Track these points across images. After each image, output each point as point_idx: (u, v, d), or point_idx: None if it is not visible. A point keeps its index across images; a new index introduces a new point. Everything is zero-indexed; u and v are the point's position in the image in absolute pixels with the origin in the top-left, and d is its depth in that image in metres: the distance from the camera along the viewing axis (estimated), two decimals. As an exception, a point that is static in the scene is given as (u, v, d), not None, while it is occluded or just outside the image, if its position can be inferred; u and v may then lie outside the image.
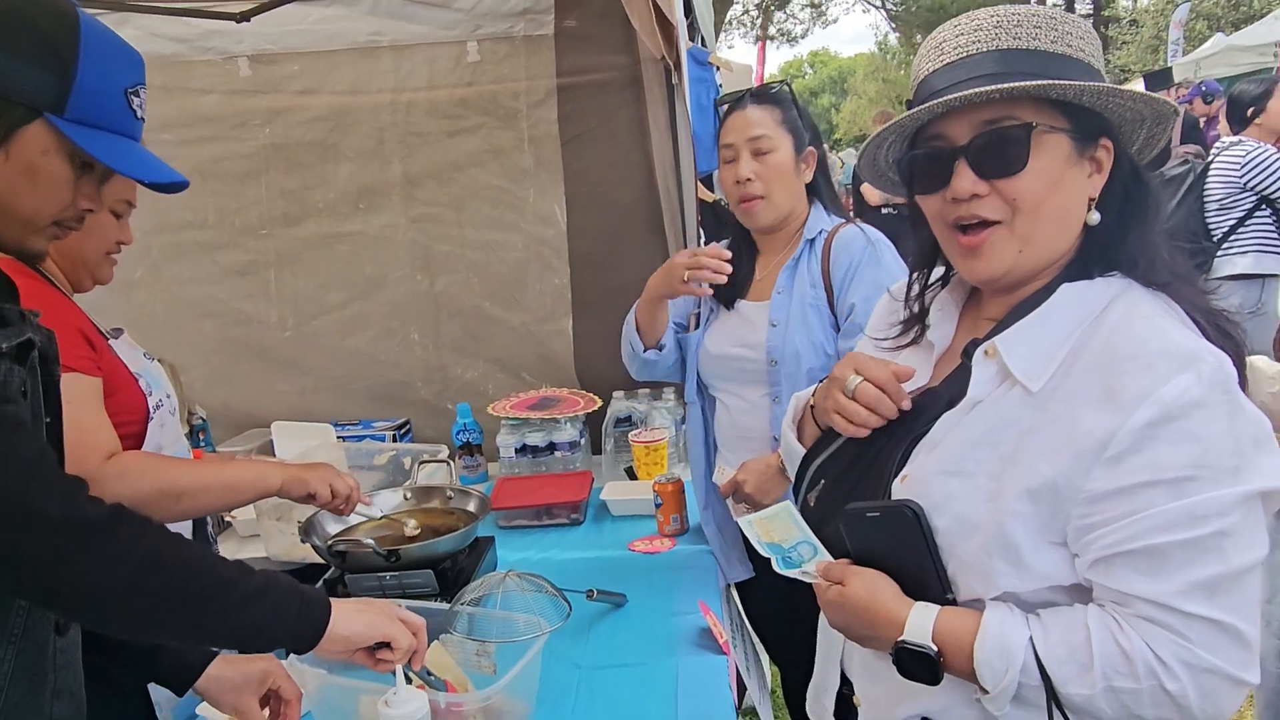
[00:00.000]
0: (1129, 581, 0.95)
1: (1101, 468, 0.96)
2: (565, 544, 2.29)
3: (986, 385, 1.08)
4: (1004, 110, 1.02)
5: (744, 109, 1.99)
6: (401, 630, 1.26)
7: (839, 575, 1.12)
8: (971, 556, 1.03)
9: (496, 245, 3.00)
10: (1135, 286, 1.05)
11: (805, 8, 27.72)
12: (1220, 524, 0.92)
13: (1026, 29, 1.03)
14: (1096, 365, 0.99)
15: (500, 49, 2.84)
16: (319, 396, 3.12)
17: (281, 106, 2.93)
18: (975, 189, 1.03)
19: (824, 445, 1.25)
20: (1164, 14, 24.05)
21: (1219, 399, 0.94)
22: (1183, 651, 0.93)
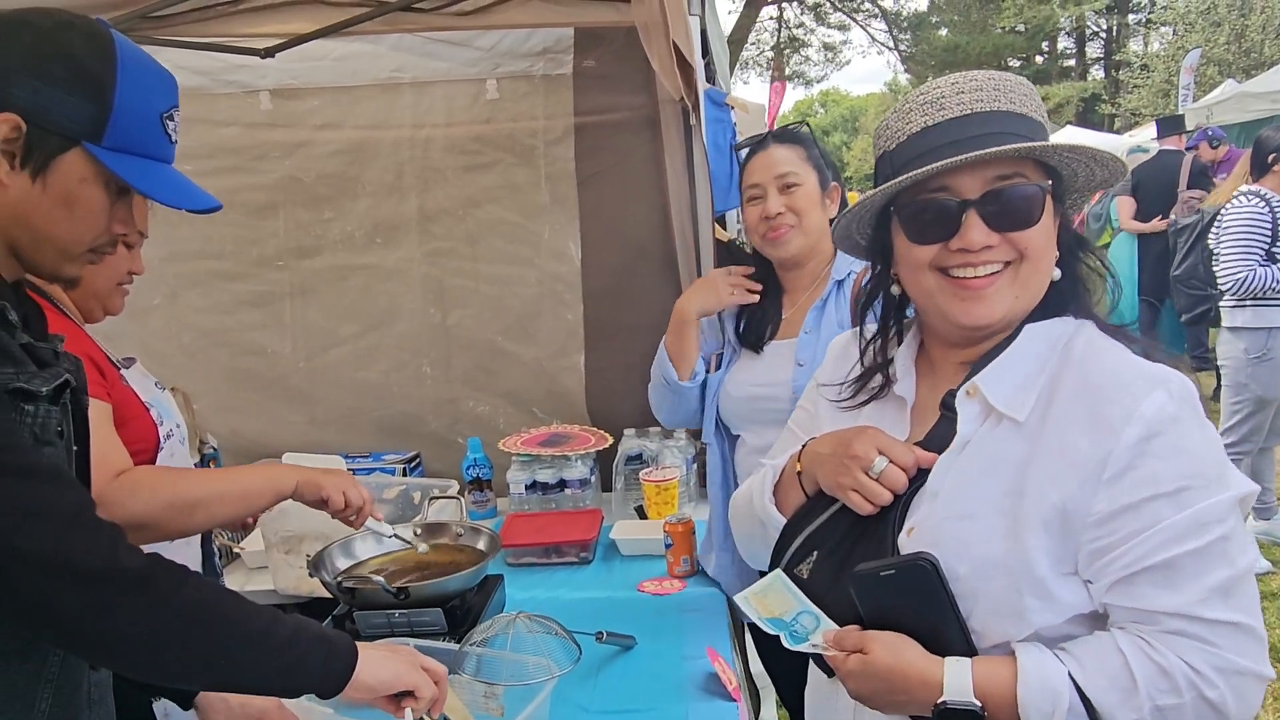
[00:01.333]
0: (1151, 598, 0.98)
1: (1103, 489, 1.00)
2: (574, 583, 2.27)
3: (973, 423, 1.11)
4: (1014, 168, 1.07)
5: (767, 149, 2.02)
6: (425, 680, 1.26)
7: (857, 643, 1.09)
8: (999, 597, 1.03)
9: (510, 280, 3.01)
10: (1088, 324, 1.12)
11: (820, 50, 28.02)
12: (1222, 529, 0.98)
13: (1017, 94, 1.10)
14: (1077, 392, 1.05)
15: (519, 87, 2.87)
16: (330, 428, 3.12)
17: (301, 140, 2.96)
18: (988, 240, 1.07)
19: (812, 515, 1.23)
20: (1175, 59, 24.26)
21: (1190, 413, 1.01)
22: (1214, 659, 0.97)
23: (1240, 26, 25.08)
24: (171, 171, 1.19)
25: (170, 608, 1.03)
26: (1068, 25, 33.47)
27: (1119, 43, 36.30)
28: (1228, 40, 24.98)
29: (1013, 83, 1.10)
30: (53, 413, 1.06)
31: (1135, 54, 32.35)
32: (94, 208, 1.11)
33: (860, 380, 1.29)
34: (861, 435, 1.16)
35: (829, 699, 1.24)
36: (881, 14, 25.68)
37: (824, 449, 1.22)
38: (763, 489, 1.31)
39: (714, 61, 3.71)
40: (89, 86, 1.07)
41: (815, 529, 1.21)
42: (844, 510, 1.18)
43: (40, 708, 1.06)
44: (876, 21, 25.94)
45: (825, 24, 26.70)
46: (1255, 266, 3.88)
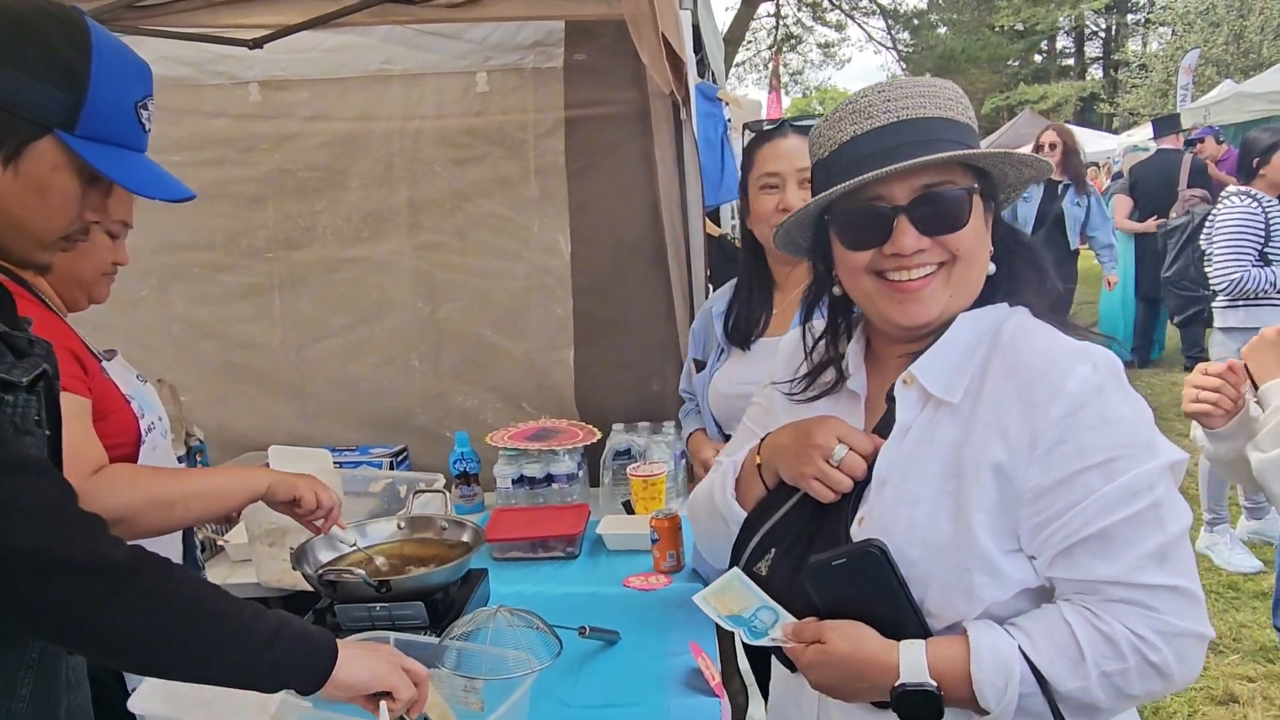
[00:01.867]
0: (1090, 568, 1.02)
1: (1036, 464, 1.03)
2: (560, 578, 2.26)
3: (912, 411, 1.15)
4: (943, 175, 1.10)
5: (786, 138, 1.98)
6: (404, 681, 1.25)
7: (814, 633, 1.11)
8: (950, 577, 1.06)
9: (500, 274, 3.00)
10: (1020, 310, 1.16)
11: (818, 47, 27.99)
12: (1152, 496, 1.02)
13: (943, 100, 1.12)
14: (1006, 373, 1.08)
15: (509, 80, 2.86)
16: (318, 421, 3.11)
17: (290, 132, 2.95)
18: (919, 244, 1.10)
19: (769, 512, 1.24)
20: (1174, 59, 24.29)
21: (1115, 385, 1.05)
22: (1156, 622, 1.01)
23: (1239, 27, 25.11)
24: (145, 160, 1.20)
25: (155, 601, 1.04)
26: (1067, 24, 33.49)
27: (1118, 42, 36.35)
28: (1226, 41, 25.01)
29: (939, 88, 1.13)
30: (31, 401, 1.06)
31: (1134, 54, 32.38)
32: (66, 195, 1.11)
33: (811, 375, 1.31)
34: (822, 424, 1.19)
35: (794, 694, 1.25)
36: (880, 12, 25.66)
37: (784, 440, 1.23)
38: (724, 485, 1.32)
39: (708, 57, 3.71)
40: (63, 75, 1.07)
41: (772, 526, 1.23)
42: (798, 506, 1.21)
43: (21, 693, 1.07)
44: (875, 19, 25.93)
45: (823, 22, 26.67)
46: (1249, 267, 3.88)
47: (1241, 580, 4.07)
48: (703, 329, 2.26)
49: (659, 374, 2.94)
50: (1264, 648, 3.50)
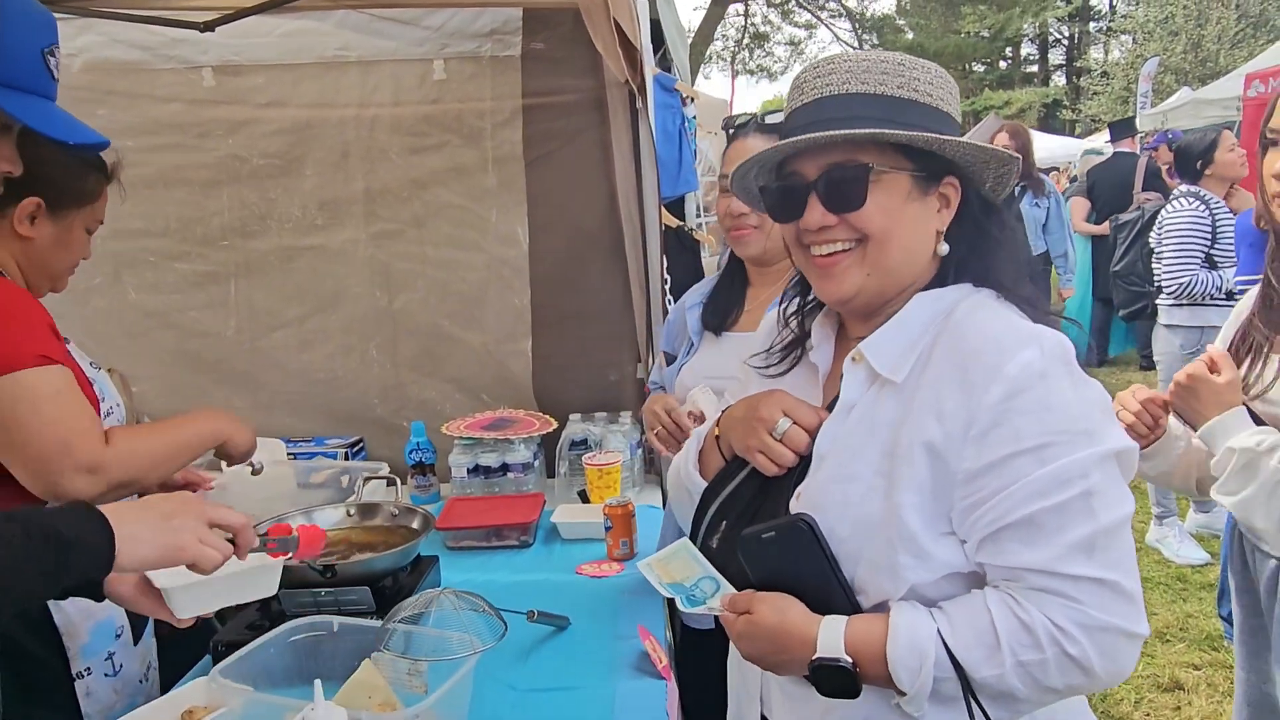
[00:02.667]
0: (1014, 554, 1.00)
1: (970, 446, 1.02)
2: (513, 566, 2.25)
3: (858, 389, 1.14)
4: (849, 153, 1.09)
5: (746, 138, 1.97)
6: (205, 552, 1.14)
7: (745, 604, 1.12)
8: (877, 555, 1.05)
9: (457, 264, 2.99)
10: (983, 292, 1.13)
11: (784, 45, 28.17)
12: (1085, 484, 0.99)
13: (874, 74, 1.10)
14: (949, 352, 1.07)
15: (466, 68, 2.84)
16: (273, 412, 3.07)
17: (245, 118, 2.91)
18: (824, 221, 1.11)
19: (722, 484, 1.26)
20: (1134, 67, 24.76)
21: (1061, 370, 1.02)
22: (1076, 614, 0.98)
23: (1196, 36, 25.63)
24: (56, 108, 1.19)
25: None
26: (1031, 32, 33.94)
27: (1080, 50, 36.92)
28: (1184, 49, 25.51)
29: (872, 62, 1.11)
30: None
31: (1096, 61, 32.91)
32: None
33: (786, 349, 1.32)
34: (768, 398, 1.19)
35: (740, 664, 1.27)
36: (847, 14, 25.85)
37: (737, 413, 1.25)
38: (687, 455, 1.34)
39: (670, 51, 3.72)
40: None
41: (725, 498, 1.24)
42: (749, 478, 1.22)
43: None
44: (841, 21, 26.13)
45: (791, 22, 26.84)
46: (1196, 270, 3.96)
47: (1190, 572, 4.16)
48: (675, 322, 2.27)
49: (616, 364, 2.95)
50: (1209, 636, 3.57)
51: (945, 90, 1.13)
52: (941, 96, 1.12)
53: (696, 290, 2.23)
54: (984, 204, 1.17)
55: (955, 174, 1.14)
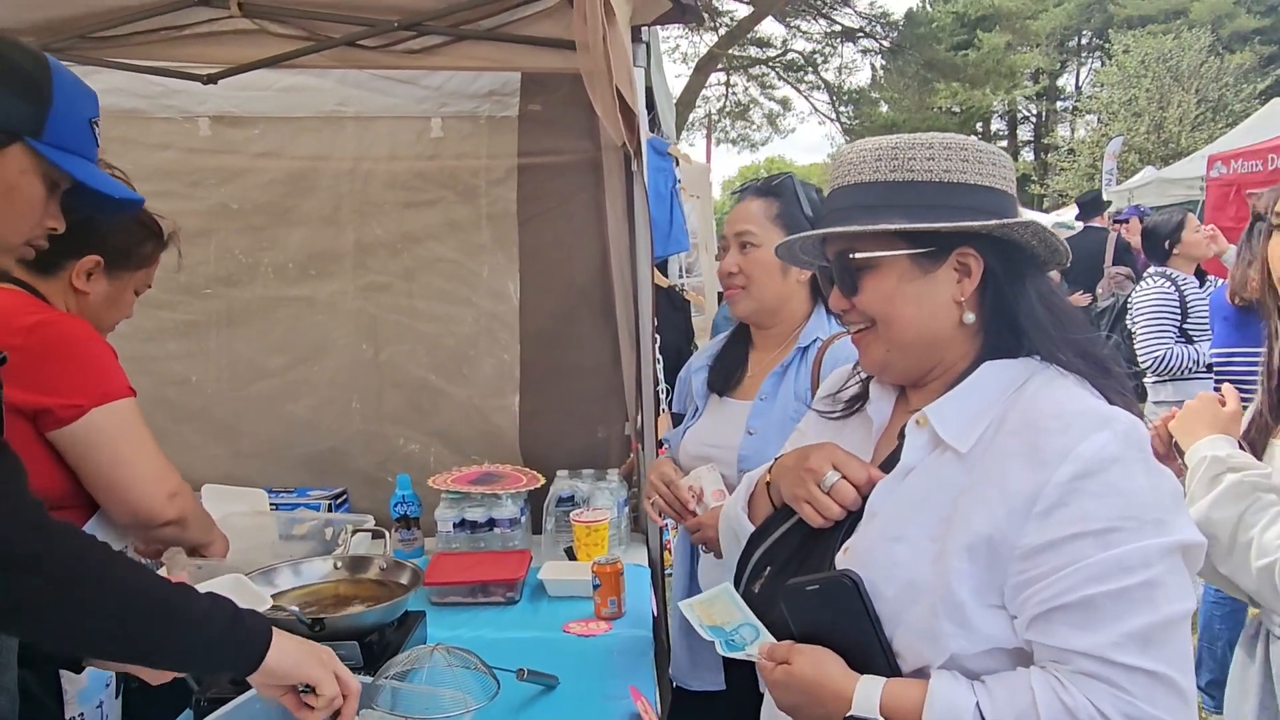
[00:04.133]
0: (1066, 637, 0.97)
1: (1033, 523, 1.00)
2: (499, 623, 2.22)
3: (919, 453, 1.14)
4: (846, 242, 1.17)
5: (744, 200, 2.03)
6: (328, 678, 1.28)
7: (784, 655, 1.12)
8: (920, 620, 1.04)
9: (447, 318, 2.99)
10: (1053, 367, 1.12)
11: (765, 116, 28.85)
12: (1147, 574, 0.96)
13: (870, 163, 1.16)
14: (1020, 427, 1.06)
15: (464, 127, 2.89)
16: (253, 461, 3.02)
17: (239, 167, 2.92)
18: (841, 303, 1.20)
19: (769, 531, 1.26)
20: (1099, 145, 25.63)
21: (1135, 455, 1.01)
22: (1125, 705, 0.94)
23: (1159, 118, 26.60)
24: (100, 170, 1.32)
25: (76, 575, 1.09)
26: (1001, 109, 35.05)
27: (1048, 127, 38.16)
28: (1147, 130, 26.45)
29: (869, 151, 1.16)
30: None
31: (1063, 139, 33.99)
32: (31, 200, 1.21)
33: (849, 401, 1.34)
34: (819, 450, 1.20)
35: (771, 709, 1.25)
36: (825, 86, 26.57)
37: (789, 461, 1.26)
38: (737, 498, 1.36)
39: (660, 117, 3.80)
40: (29, 87, 1.19)
41: (770, 545, 1.24)
42: (795, 527, 1.22)
43: None
44: (819, 93, 26.83)
45: (771, 96, 27.53)
46: (1171, 344, 4.07)
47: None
48: (684, 382, 2.29)
49: (604, 422, 2.95)
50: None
51: (956, 160, 1.13)
52: (949, 168, 1.13)
53: (704, 352, 2.26)
54: (1012, 270, 1.15)
55: (972, 243, 1.13)
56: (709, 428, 2.08)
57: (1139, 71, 27.83)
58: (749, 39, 23.34)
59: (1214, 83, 26.70)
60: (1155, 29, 30.78)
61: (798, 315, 2.03)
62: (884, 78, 27.86)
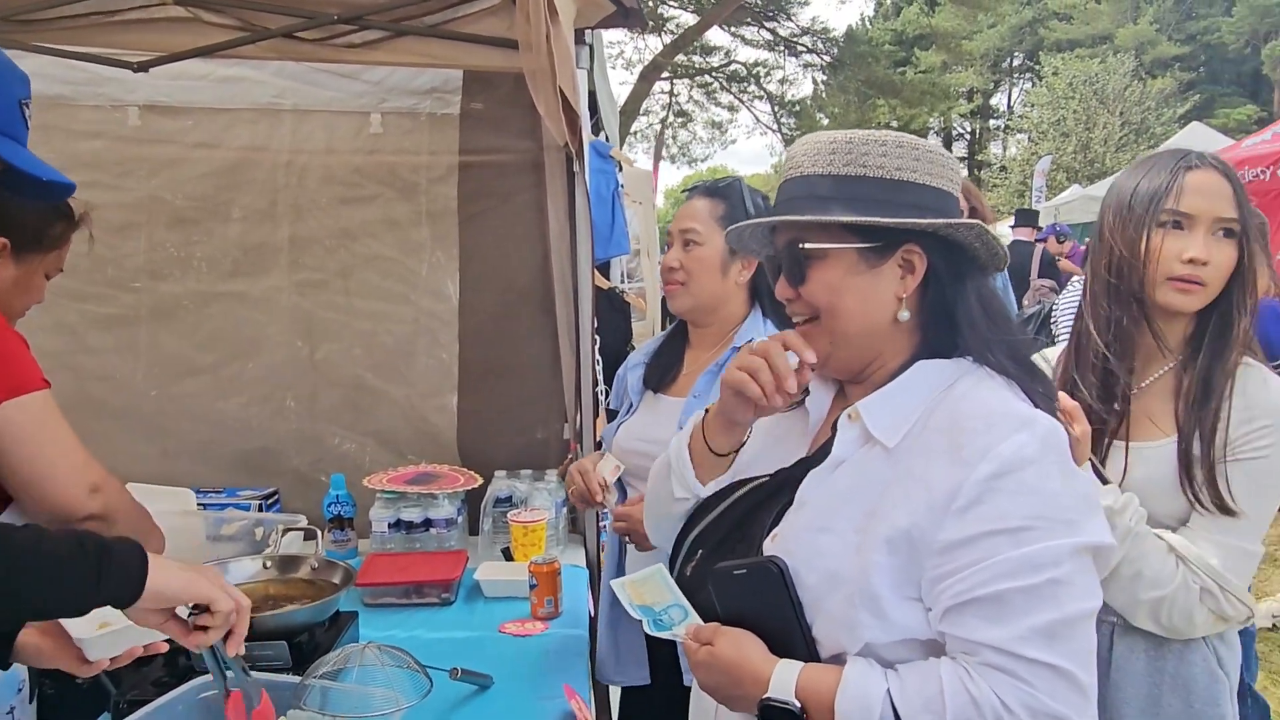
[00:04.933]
0: (976, 629, 1.00)
1: (951, 518, 1.02)
2: (434, 624, 2.19)
3: (850, 446, 1.16)
4: (795, 232, 1.18)
5: (691, 199, 2.07)
6: (220, 594, 1.21)
7: (708, 636, 1.14)
8: (838, 609, 1.06)
9: (384, 316, 2.95)
10: (984, 368, 1.15)
11: (707, 125, 29.11)
12: (1056, 572, 0.99)
13: (824, 155, 1.16)
14: (945, 425, 1.09)
15: (404, 123, 2.86)
16: (182, 461, 2.94)
17: (170, 158, 2.84)
18: (786, 294, 1.21)
19: (703, 514, 1.28)
20: (1029, 163, 26.47)
21: (1053, 458, 1.04)
22: (1027, 697, 0.97)
23: (1085, 139, 27.55)
24: (30, 153, 1.26)
25: None
26: (936, 125, 35.94)
27: (981, 145, 39.23)
28: (1075, 150, 27.40)
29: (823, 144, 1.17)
30: None
31: (995, 156, 34.98)
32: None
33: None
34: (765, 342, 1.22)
35: (700, 700, 1.28)
36: (767, 97, 26.92)
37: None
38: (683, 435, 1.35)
39: (603, 121, 3.81)
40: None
41: (704, 528, 1.25)
42: (729, 511, 1.23)
43: None
44: (762, 103, 27.17)
45: (715, 103, 27.77)
46: None
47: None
48: (621, 379, 2.31)
49: (543, 422, 2.94)
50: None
51: (908, 159, 1.15)
52: (900, 166, 1.15)
53: (642, 349, 2.27)
54: (955, 271, 1.17)
55: (918, 241, 1.15)
56: (643, 424, 2.10)
57: (1067, 93, 28.85)
58: (694, 48, 23.54)
59: (1137, 106, 27.81)
60: (1083, 53, 31.95)
61: (735, 315, 2.06)
62: (825, 93, 28.34)
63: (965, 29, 33.15)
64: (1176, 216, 1.51)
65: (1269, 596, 4.52)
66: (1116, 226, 1.56)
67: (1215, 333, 1.54)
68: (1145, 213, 1.52)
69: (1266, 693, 3.81)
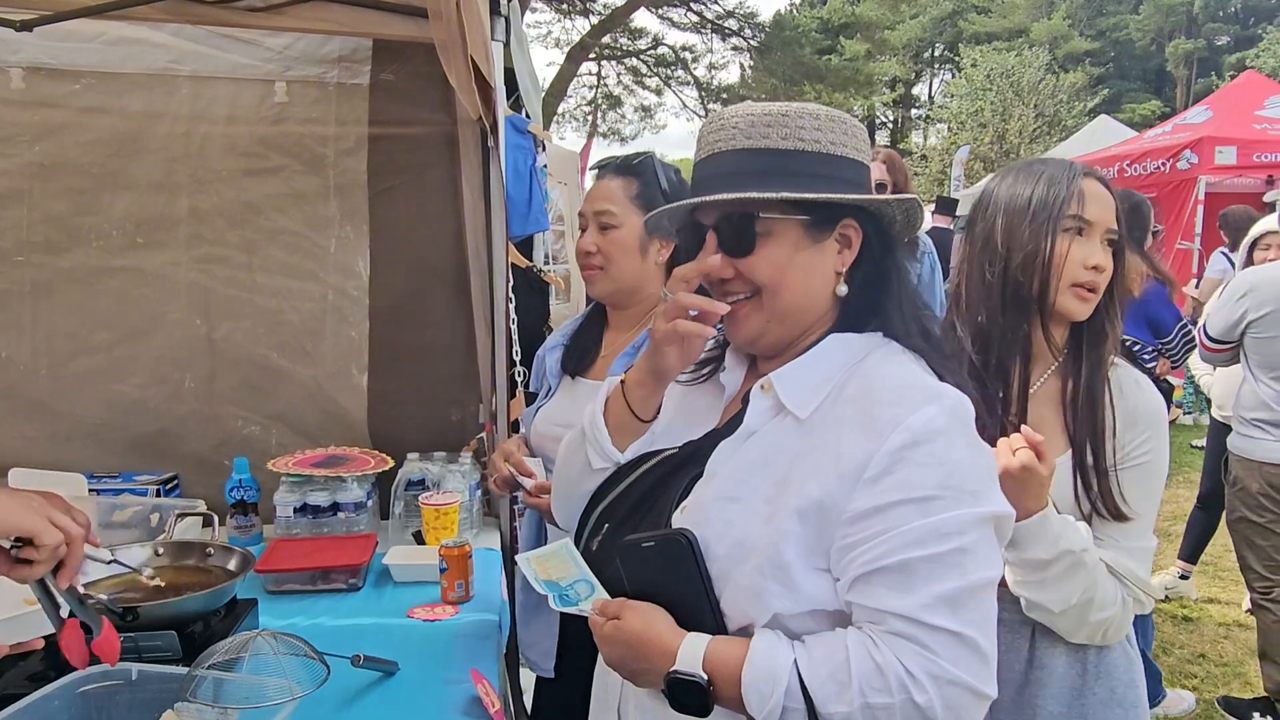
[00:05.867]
0: (882, 598, 1.01)
1: (861, 488, 1.03)
2: (339, 610, 2.12)
3: (761, 417, 1.16)
4: (743, 207, 1.14)
5: (602, 179, 2.00)
6: (44, 525, 1.10)
7: (614, 610, 1.12)
8: (747, 579, 1.06)
9: (290, 294, 2.85)
10: (894, 342, 1.16)
11: (636, 110, 29.02)
12: (961, 541, 1.01)
13: (759, 129, 1.14)
14: (857, 396, 1.10)
15: (311, 92, 2.75)
16: (74, 444, 2.79)
17: (57, 124, 2.68)
18: (723, 271, 1.16)
19: (609, 489, 1.26)
20: (949, 152, 27.16)
21: (960, 430, 1.05)
22: (929, 664, 0.98)
23: (1001, 129, 28.39)
24: None
25: None
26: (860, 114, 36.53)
27: (903, 134, 40.05)
28: (992, 140, 28.21)
29: (758, 117, 1.15)
30: None
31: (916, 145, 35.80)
32: None
33: (699, 365, 1.33)
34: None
35: (605, 676, 1.27)
36: (695, 83, 26.95)
37: None
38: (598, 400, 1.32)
39: (524, 99, 3.74)
40: None
41: (610, 502, 1.24)
42: (635, 485, 1.22)
43: None
44: (690, 89, 27.19)
45: (643, 86, 27.69)
46: None
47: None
48: (540, 361, 2.26)
49: (458, 403, 2.88)
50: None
51: (839, 133, 1.16)
52: (834, 140, 1.15)
53: (560, 331, 2.22)
54: (884, 245, 1.20)
55: (854, 216, 1.17)
56: (560, 408, 2.06)
57: (985, 85, 29.66)
58: (622, 29, 23.40)
59: (1050, 99, 28.75)
60: (1000, 46, 32.81)
61: (655, 296, 2.03)
62: (752, 77, 28.52)
63: (888, 19, 33.74)
64: (1080, 223, 1.51)
65: (1161, 570, 4.73)
66: (1014, 230, 1.54)
67: (1092, 341, 1.56)
68: (1049, 218, 1.51)
69: (1158, 660, 4.00)
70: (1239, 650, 4.14)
